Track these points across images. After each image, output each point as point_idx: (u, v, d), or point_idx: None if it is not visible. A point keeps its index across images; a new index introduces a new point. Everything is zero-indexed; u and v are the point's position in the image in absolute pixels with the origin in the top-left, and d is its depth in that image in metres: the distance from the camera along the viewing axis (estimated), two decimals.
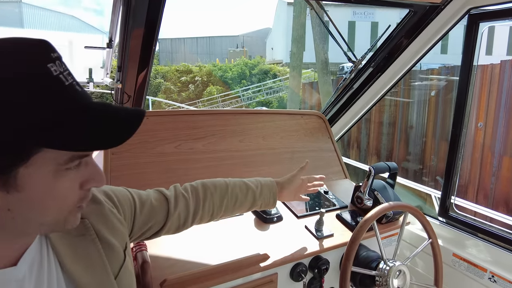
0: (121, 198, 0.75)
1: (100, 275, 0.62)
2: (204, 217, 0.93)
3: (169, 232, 0.88)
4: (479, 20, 1.31)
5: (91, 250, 0.63)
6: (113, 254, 0.66)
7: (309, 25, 10.79)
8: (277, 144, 1.63)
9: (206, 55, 23.93)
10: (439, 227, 1.52)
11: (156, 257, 0.99)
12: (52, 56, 0.46)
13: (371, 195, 1.43)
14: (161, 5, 1.35)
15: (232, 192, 0.97)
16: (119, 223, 0.70)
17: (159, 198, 0.85)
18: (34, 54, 0.45)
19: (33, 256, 0.55)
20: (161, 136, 1.36)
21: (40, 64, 0.45)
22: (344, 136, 2.21)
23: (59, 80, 0.46)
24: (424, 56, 1.57)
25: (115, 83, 1.83)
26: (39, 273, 0.56)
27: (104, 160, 1.22)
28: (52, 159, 0.47)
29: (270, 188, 1.05)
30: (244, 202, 1.00)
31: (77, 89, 0.48)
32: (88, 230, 0.64)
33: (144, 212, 0.80)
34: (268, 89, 17.09)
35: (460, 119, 1.40)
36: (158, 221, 0.84)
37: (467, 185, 5.23)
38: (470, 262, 1.36)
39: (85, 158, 0.52)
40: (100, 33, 3.04)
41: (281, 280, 1.13)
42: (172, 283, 0.91)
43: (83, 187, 0.53)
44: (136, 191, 0.83)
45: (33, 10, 16.78)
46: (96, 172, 0.54)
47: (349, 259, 1.07)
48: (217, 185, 0.96)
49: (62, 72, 0.46)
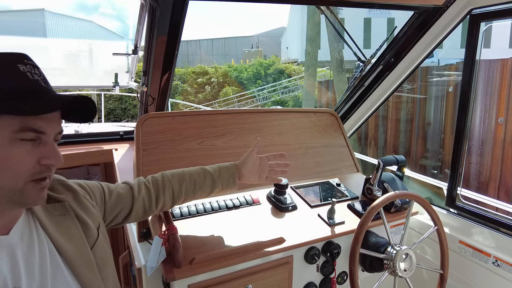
0: (92, 187, 0.92)
1: (79, 245, 0.78)
2: (167, 202, 1.08)
3: (138, 216, 1.03)
4: (480, 20, 1.39)
5: (71, 226, 0.79)
6: (88, 231, 0.82)
7: (324, 23, 10.82)
8: (291, 140, 1.75)
9: (222, 56, 24.20)
10: (447, 216, 1.60)
11: (186, 239, 1.13)
12: (25, 62, 0.65)
13: (380, 186, 1.53)
14: (183, 14, 1.49)
15: (190, 177, 1.10)
16: (92, 207, 0.87)
17: (125, 187, 1.02)
18: (10, 58, 0.64)
19: (22, 227, 0.71)
20: (186, 134, 1.50)
21: (12, 63, 0.63)
22: (361, 134, 2.30)
23: (23, 74, 0.64)
24: (430, 54, 1.65)
25: (141, 87, 1.99)
26: (30, 241, 0.71)
27: (136, 156, 1.37)
28: (6, 126, 0.61)
29: (228, 170, 1.15)
30: (203, 186, 1.11)
31: (40, 83, 0.66)
32: (68, 211, 0.80)
33: (113, 198, 0.96)
34: (283, 88, 17.16)
35: (464, 113, 1.48)
36: (126, 206, 1.00)
37: (488, 182, 5.16)
38: (475, 248, 1.44)
39: (42, 137, 0.66)
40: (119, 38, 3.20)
41: (296, 262, 1.25)
42: (200, 260, 1.05)
43: (40, 162, 0.66)
44: (106, 183, 0.99)
45: (55, 18, 17.39)
46: (52, 152, 0.68)
47: (357, 242, 1.18)
48: (175, 173, 1.10)
49: (30, 71, 0.65)
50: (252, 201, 1.39)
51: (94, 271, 0.79)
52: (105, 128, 2.66)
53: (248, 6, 78.80)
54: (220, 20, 66.33)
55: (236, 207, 1.35)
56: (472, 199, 1.79)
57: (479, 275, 1.44)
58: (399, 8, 1.55)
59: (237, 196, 1.39)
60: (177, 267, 1.02)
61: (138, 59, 2.29)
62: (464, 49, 1.46)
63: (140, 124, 1.42)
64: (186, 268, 1.03)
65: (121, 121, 11.07)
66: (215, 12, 75.34)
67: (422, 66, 6.15)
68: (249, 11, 76.99)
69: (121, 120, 13.17)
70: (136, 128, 1.42)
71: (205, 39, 25.38)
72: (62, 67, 2.69)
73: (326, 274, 1.34)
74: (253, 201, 1.40)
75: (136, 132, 1.41)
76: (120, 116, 14.46)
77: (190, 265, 1.04)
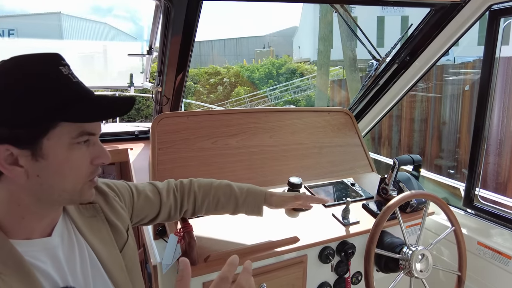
0: (121, 188, 0.92)
1: (110, 247, 0.79)
2: (189, 211, 1.08)
3: (163, 220, 1.04)
4: (500, 15, 1.35)
5: (102, 228, 0.80)
6: (118, 233, 0.82)
7: (336, 22, 10.73)
8: (305, 140, 1.74)
9: (234, 56, 24.26)
10: (464, 217, 1.57)
11: (201, 237, 1.14)
12: (62, 63, 0.65)
13: (396, 186, 1.51)
14: (197, 14, 1.50)
15: (215, 195, 1.09)
16: (121, 209, 0.87)
17: (153, 190, 1.02)
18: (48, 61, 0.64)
19: (62, 229, 0.72)
20: (200, 134, 1.51)
21: (53, 67, 0.63)
22: (375, 134, 2.28)
23: (68, 77, 0.64)
24: (447, 52, 1.62)
25: (156, 87, 2.01)
26: (70, 242, 0.72)
27: (152, 154, 1.39)
28: (66, 132, 0.63)
29: (255, 197, 1.12)
30: (226, 206, 1.11)
31: (82, 85, 0.67)
32: (99, 212, 0.81)
33: (141, 201, 0.97)
34: (295, 88, 17.10)
35: (483, 112, 1.45)
36: (153, 210, 1.00)
37: (507, 182, 5.04)
38: (494, 250, 1.40)
39: (92, 137, 0.68)
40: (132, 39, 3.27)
41: (311, 261, 1.25)
42: (215, 258, 1.06)
43: (93, 162, 0.68)
44: (133, 183, 0.99)
45: (71, 20, 17.76)
46: (102, 151, 0.70)
47: (372, 242, 1.17)
48: (201, 185, 1.10)
49: (69, 73, 0.65)
50: None
51: (125, 274, 0.80)
52: (120, 128, 2.70)
53: (260, 6, 78.91)
54: (233, 20, 66.53)
55: None
56: (491, 200, 1.75)
57: (498, 278, 1.41)
58: (415, 6, 1.52)
59: None
60: (192, 265, 1.03)
61: (152, 59, 2.32)
62: (482, 46, 1.43)
63: (155, 124, 1.44)
64: (201, 266, 1.04)
65: (135, 121, 11.22)
66: (227, 13, 75.61)
67: (437, 65, 6.08)
68: (261, 11, 77.02)
69: (135, 120, 13.35)
70: (151, 127, 1.44)
71: (217, 40, 25.50)
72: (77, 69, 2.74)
73: (340, 274, 1.33)
74: None
75: (151, 131, 1.43)
76: (134, 116, 14.65)
77: (205, 263, 1.05)
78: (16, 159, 0.60)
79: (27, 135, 0.59)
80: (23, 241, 0.64)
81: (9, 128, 0.58)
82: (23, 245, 0.64)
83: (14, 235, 0.64)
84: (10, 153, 0.59)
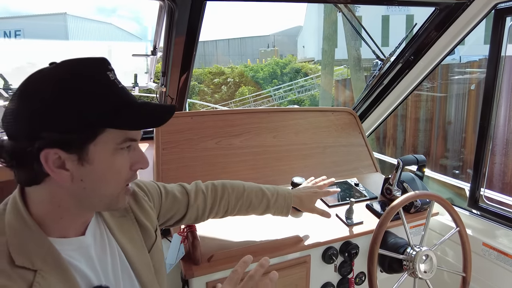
0: (150, 188, 0.93)
1: (139, 248, 0.80)
2: (219, 213, 1.08)
3: (189, 221, 1.04)
4: (506, 14, 1.34)
5: (131, 228, 0.80)
6: (147, 234, 0.83)
7: (341, 21, 10.70)
8: (309, 140, 1.74)
9: (238, 56, 24.28)
10: (469, 217, 1.56)
11: (204, 237, 1.14)
12: (109, 68, 0.65)
13: (400, 186, 1.50)
14: (201, 15, 1.51)
15: (247, 196, 1.10)
16: (150, 209, 0.87)
17: (181, 191, 1.02)
18: (98, 66, 0.64)
19: (94, 228, 0.73)
20: (203, 134, 1.51)
21: (103, 73, 0.64)
22: (379, 133, 2.27)
23: (115, 83, 0.64)
24: (452, 51, 1.61)
25: (160, 87, 2.02)
26: (101, 241, 0.73)
27: (156, 154, 1.40)
28: (111, 138, 0.63)
29: (285, 197, 1.15)
30: (257, 207, 1.12)
31: (126, 91, 0.67)
32: (128, 212, 0.82)
33: (168, 201, 0.97)
34: (299, 87, 17.07)
35: (488, 111, 1.44)
36: (180, 210, 1.00)
37: None
38: (500, 251, 1.39)
39: (133, 143, 0.68)
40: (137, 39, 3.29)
41: (314, 261, 1.24)
42: (218, 258, 1.06)
43: (132, 168, 0.69)
44: (162, 183, 1.00)
45: (76, 21, 17.88)
46: (142, 156, 0.70)
47: (376, 242, 1.16)
48: (235, 188, 1.10)
49: (115, 78, 0.65)
50: None
51: (153, 275, 0.80)
52: None
53: (265, 5, 78.77)
54: (237, 20, 66.57)
55: None
56: (496, 200, 1.73)
57: (504, 279, 1.40)
58: (420, 5, 1.51)
59: None
60: (195, 264, 1.04)
61: (156, 60, 2.33)
62: (488, 45, 1.42)
63: None
64: (204, 266, 1.05)
65: None
66: (231, 13, 75.64)
67: (442, 64, 6.00)
68: (265, 10, 76.97)
69: None
70: (155, 127, 1.45)
71: (221, 40, 25.53)
72: None
73: (344, 274, 1.32)
74: None
75: (155, 131, 1.44)
76: None
77: (209, 262, 1.05)
78: (63, 162, 0.61)
79: (77, 140, 0.60)
80: (59, 239, 0.65)
81: (60, 132, 0.59)
82: (59, 243, 0.65)
83: (51, 233, 0.65)
84: (58, 157, 0.60)
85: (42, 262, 0.61)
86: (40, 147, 0.58)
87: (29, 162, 0.60)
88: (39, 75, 0.61)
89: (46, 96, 0.59)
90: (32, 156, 0.59)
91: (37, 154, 0.59)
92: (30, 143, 0.58)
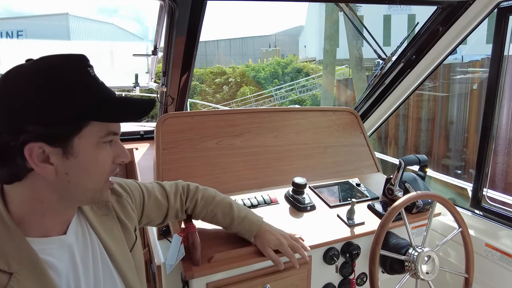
0: (133, 189, 0.93)
1: (121, 246, 0.80)
2: (188, 212, 1.11)
3: (171, 220, 1.08)
4: (509, 13, 1.33)
5: (114, 227, 0.81)
6: (128, 233, 0.84)
7: (342, 21, 10.68)
8: (310, 140, 1.73)
9: (239, 56, 24.29)
10: (471, 218, 1.54)
11: (204, 238, 1.13)
12: (89, 64, 0.66)
13: (401, 186, 1.49)
14: (201, 15, 1.50)
15: (213, 209, 1.10)
16: (131, 210, 0.88)
17: (161, 192, 1.04)
18: (79, 62, 0.65)
19: (76, 227, 0.73)
20: (204, 134, 1.51)
21: (84, 68, 0.65)
22: (381, 133, 2.27)
23: (96, 78, 0.66)
24: (454, 50, 1.60)
25: (161, 87, 2.02)
26: (84, 239, 0.73)
27: (156, 155, 1.39)
28: (95, 132, 0.65)
29: (251, 224, 1.09)
30: (221, 222, 1.11)
31: (106, 86, 0.69)
32: (111, 211, 0.82)
33: (151, 202, 0.99)
34: (301, 87, 17.06)
35: (491, 111, 1.43)
36: (162, 212, 1.03)
37: None
38: (503, 252, 1.38)
39: (115, 137, 0.70)
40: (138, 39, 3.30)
41: (315, 262, 1.24)
42: (219, 259, 1.05)
43: (115, 161, 0.70)
44: (143, 183, 1.01)
45: (78, 21, 17.92)
46: (123, 150, 0.72)
47: (377, 243, 1.15)
48: (204, 197, 1.11)
49: (95, 74, 0.67)
50: (270, 201, 1.39)
51: (135, 273, 0.81)
52: (126, 127, 2.71)
53: (266, 5, 78.89)
54: (238, 20, 66.60)
55: (254, 206, 1.34)
56: (499, 201, 1.72)
57: (506, 280, 1.38)
58: (422, 3, 1.50)
59: (255, 195, 1.39)
60: (195, 265, 1.03)
61: (157, 60, 2.33)
62: (490, 44, 1.40)
63: (160, 124, 1.44)
64: (204, 266, 1.04)
65: (141, 121, 11.27)
66: (232, 13, 75.66)
67: (444, 63, 6.00)
68: (266, 10, 76.98)
69: (141, 120, 13.41)
70: (156, 127, 1.44)
71: (223, 39, 25.55)
72: None
73: (345, 275, 1.32)
74: (271, 200, 1.39)
75: (156, 131, 1.43)
76: None
77: (209, 263, 1.05)
78: (47, 156, 0.61)
79: (62, 134, 0.61)
80: (40, 239, 0.65)
81: (46, 126, 0.59)
82: (40, 242, 0.65)
83: (32, 232, 0.65)
84: (42, 151, 0.60)
85: (19, 264, 0.60)
86: (25, 141, 0.59)
87: (12, 157, 0.60)
88: (20, 71, 0.62)
89: (31, 90, 0.59)
90: (15, 151, 0.59)
91: (21, 149, 0.59)
92: (14, 137, 0.58)
